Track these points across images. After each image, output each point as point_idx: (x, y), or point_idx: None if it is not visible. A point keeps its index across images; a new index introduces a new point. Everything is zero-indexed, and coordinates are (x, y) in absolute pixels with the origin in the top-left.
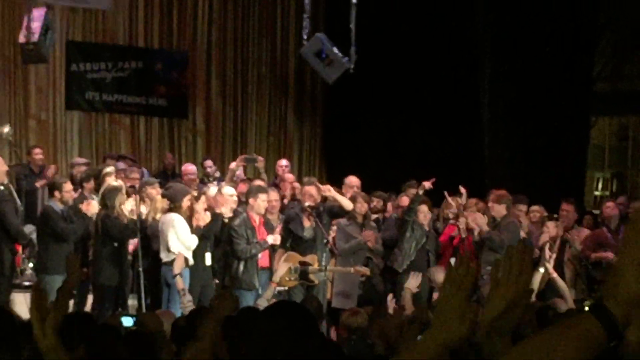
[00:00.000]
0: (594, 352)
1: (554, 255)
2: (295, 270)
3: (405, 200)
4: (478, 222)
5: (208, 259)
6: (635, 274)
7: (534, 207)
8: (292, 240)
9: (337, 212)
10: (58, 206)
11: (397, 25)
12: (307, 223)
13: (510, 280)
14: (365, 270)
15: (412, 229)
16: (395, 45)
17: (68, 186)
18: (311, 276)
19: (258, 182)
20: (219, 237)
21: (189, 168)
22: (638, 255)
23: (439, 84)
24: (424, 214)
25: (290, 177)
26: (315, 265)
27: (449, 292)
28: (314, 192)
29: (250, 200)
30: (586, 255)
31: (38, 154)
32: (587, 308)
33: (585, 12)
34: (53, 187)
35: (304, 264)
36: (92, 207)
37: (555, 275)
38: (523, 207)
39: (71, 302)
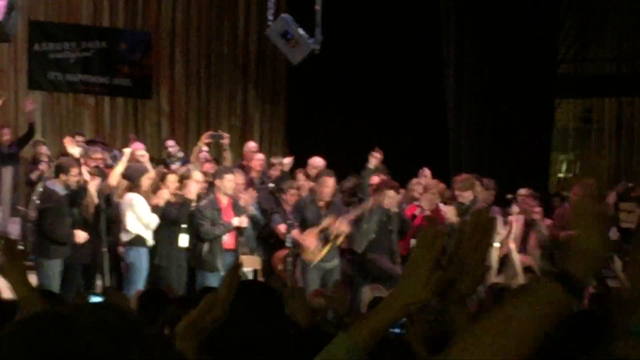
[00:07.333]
0: (560, 317)
1: (514, 230)
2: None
3: (375, 179)
4: (446, 214)
5: (184, 240)
6: (588, 233)
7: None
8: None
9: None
10: (61, 188)
11: (363, 6)
12: (322, 210)
13: (470, 247)
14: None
15: (370, 210)
16: (360, 27)
17: (75, 171)
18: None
19: (225, 163)
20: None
21: (137, 146)
22: (589, 218)
23: (403, 67)
24: (390, 198)
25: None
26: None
27: (418, 255)
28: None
29: (217, 182)
30: (555, 235)
31: (6, 134)
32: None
33: None
34: (59, 169)
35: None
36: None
37: (513, 246)
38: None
39: None
